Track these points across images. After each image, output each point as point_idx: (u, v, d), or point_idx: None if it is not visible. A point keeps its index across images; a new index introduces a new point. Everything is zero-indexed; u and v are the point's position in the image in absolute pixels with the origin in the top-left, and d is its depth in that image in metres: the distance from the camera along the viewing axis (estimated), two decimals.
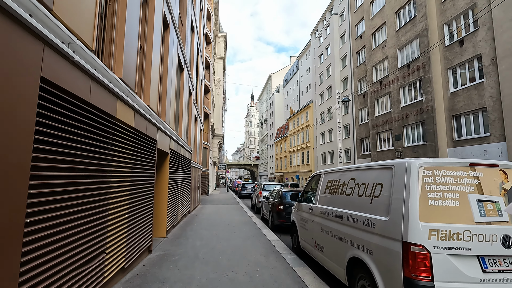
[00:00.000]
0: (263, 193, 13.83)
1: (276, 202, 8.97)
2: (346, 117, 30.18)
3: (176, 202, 8.40)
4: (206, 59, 29.00)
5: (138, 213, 4.55)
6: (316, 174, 5.47)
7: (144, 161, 4.85)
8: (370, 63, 24.50)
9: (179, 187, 9.07)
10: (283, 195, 8.75)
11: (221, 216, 11.91)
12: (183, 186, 9.93)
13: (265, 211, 10.83)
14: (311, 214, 5.02)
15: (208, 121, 31.04)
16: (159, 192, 6.81)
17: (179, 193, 9.00)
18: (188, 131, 11.96)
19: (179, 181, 8.90)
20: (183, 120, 9.51)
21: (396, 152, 20.60)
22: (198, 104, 15.56)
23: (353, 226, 3.44)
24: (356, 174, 3.75)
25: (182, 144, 9.24)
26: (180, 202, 9.46)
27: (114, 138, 3.48)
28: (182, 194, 9.76)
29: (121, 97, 3.52)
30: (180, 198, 9.29)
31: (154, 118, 5.30)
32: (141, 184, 4.72)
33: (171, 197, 7.50)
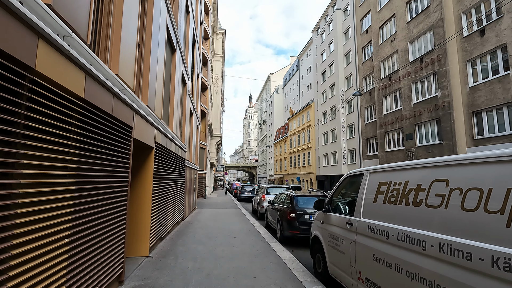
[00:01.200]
0: (267, 197, 12.31)
1: (286, 208, 7.46)
2: (350, 116, 28.78)
3: (165, 210, 6.86)
4: (204, 55, 27.55)
5: (94, 230, 3.01)
6: (354, 174, 3.96)
7: (109, 153, 3.33)
8: (378, 58, 23.13)
9: (170, 190, 7.53)
10: (295, 201, 7.24)
11: (220, 223, 10.36)
12: (175, 189, 8.40)
13: (271, 219, 9.31)
14: (349, 231, 3.52)
15: (206, 120, 29.54)
16: (139, 198, 5.27)
17: (169, 198, 7.46)
18: (182, 126, 10.45)
19: (169, 184, 7.36)
20: (174, 111, 7.99)
21: (407, 153, 19.17)
22: (194, 98, 14.06)
23: (458, 264, 1.93)
24: (452, 172, 2.24)
25: (174, 139, 7.72)
26: (172, 209, 7.92)
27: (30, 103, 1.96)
28: (173, 199, 8.23)
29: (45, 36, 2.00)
30: (171, 204, 7.76)
31: (127, 96, 3.79)
32: (102, 187, 3.18)
33: (157, 203, 5.96)
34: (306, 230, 6.78)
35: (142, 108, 4.50)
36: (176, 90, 8.28)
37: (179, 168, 9.18)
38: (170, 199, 7.64)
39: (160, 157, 6.21)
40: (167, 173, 7.11)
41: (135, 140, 4.29)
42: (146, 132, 4.89)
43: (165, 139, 6.58)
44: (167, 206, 7.14)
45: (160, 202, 6.28)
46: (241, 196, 25.00)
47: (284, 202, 8.00)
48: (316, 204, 4.43)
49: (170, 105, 7.72)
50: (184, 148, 10.38)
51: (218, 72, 40.75)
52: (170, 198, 7.72)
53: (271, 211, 9.29)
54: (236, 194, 32.45)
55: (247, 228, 9.45)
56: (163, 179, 6.56)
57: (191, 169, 13.19)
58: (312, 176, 38.96)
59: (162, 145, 6.28)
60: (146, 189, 5.34)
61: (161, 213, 6.45)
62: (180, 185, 9.70)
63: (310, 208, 7.06)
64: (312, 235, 4.90)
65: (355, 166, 27.57)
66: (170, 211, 7.74)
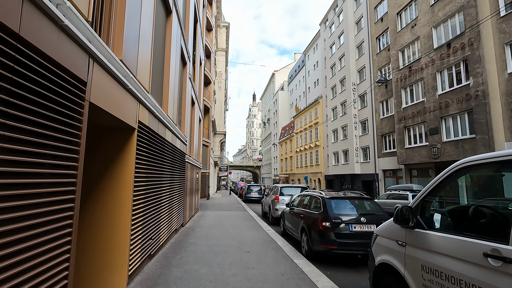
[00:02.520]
0: (281, 198, 10.57)
1: (315, 215, 5.70)
2: (363, 111, 26.92)
3: (155, 217, 5.15)
4: (207, 46, 25.91)
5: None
6: (487, 162, 2.17)
7: (31, 120, 1.60)
8: (395, 47, 21.27)
9: (164, 192, 5.82)
10: (328, 205, 5.48)
11: (227, 230, 8.63)
12: (171, 190, 6.70)
13: (290, 226, 7.57)
14: (498, 272, 1.74)
15: (209, 116, 27.88)
16: (112, 203, 3.56)
17: (163, 201, 5.75)
18: (182, 115, 8.75)
19: (162, 183, 5.65)
20: (170, 90, 6.28)
21: (432, 149, 17.31)
22: (196, 86, 12.35)
23: None
24: None
25: (170, 126, 6.02)
26: (167, 215, 6.21)
27: None
28: (169, 203, 6.52)
29: None
30: (165, 210, 6.05)
31: (75, 23, 2.05)
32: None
33: (142, 209, 4.25)
34: (346, 244, 5.04)
35: (109, 59, 2.77)
36: (173, 65, 6.57)
37: (177, 163, 7.47)
38: (164, 202, 5.92)
39: (148, 145, 4.49)
40: (160, 169, 5.39)
41: (93, 106, 2.56)
42: (118, 101, 3.16)
43: (155, 122, 4.86)
44: (159, 212, 5.42)
45: (147, 207, 4.56)
46: (247, 197, 23.27)
47: (311, 207, 6.24)
48: (400, 216, 2.65)
49: (164, 81, 6.01)
50: (184, 141, 8.67)
51: (222, 68, 39.08)
52: (165, 202, 6.00)
53: (291, 217, 7.54)
54: (241, 194, 30.74)
55: (261, 236, 7.71)
56: (152, 175, 4.84)
57: (193, 167, 11.49)
58: (320, 175, 37.13)
59: (151, 129, 4.56)
60: (123, 190, 3.63)
61: (150, 222, 4.74)
62: (179, 185, 7.99)
63: (348, 215, 5.32)
64: (376, 261, 3.13)
65: (368, 165, 25.72)
66: (164, 218, 6.03)
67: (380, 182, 23.85)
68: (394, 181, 22.45)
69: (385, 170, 23.51)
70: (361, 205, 5.67)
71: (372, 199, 5.81)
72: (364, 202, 5.75)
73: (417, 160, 18.66)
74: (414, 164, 19.36)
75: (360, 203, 5.72)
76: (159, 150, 5.34)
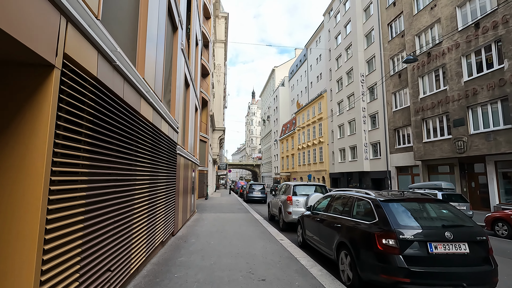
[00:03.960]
0: (294, 199, 8.68)
1: (365, 227, 3.75)
2: (373, 104, 25.07)
3: (117, 233, 3.26)
4: (205, 35, 24.02)
5: None
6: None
7: None
8: (411, 32, 19.40)
9: (138, 191, 3.96)
10: (386, 212, 3.58)
11: (230, 240, 6.76)
12: (153, 189, 4.84)
13: (314, 236, 5.69)
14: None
15: (208, 110, 25.97)
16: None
17: (134, 206, 3.87)
18: (172, 93, 6.85)
19: (133, 177, 3.78)
20: (149, 45, 4.37)
21: (456, 142, 15.48)
22: (191, 66, 10.42)
23: None
24: None
25: (147, 95, 4.16)
26: (144, 227, 4.33)
27: None
28: (150, 208, 4.65)
29: None
30: (142, 218, 4.17)
31: None
32: None
33: (79, 218, 2.34)
34: (425, 276, 3.15)
35: None
36: (158, 21, 4.67)
37: (163, 154, 5.58)
38: (139, 207, 4.03)
39: (95, 107, 2.57)
40: (127, 155, 3.49)
41: None
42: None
43: (117, 78, 2.98)
44: (126, 222, 3.52)
45: (95, 214, 2.66)
46: (249, 197, 21.37)
47: (352, 213, 4.35)
48: None
49: (139, 32, 4.09)
50: (175, 127, 6.78)
51: (221, 61, 37.12)
52: (141, 206, 4.12)
53: (315, 225, 5.66)
54: (242, 194, 28.86)
55: (275, 250, 5.83)
56: (108, 163, 2.94)
57: (188, 162, 9.60)
58: (324, 173, 35.30)
59: (103, 83, 2.65)
60: (24, 180, 1.73)
61: (102, 239, 2.83)
62: (167, 183, 6.10)
63: (423, 228, 3.42)
64: None
65: (379, 162, 23.89)
66: (141, 230, 4.14)
67: (393, 180, 22.03)
68: (409, 179, 20.62)
69: (399, 167, 21.68)
70: (436, 212, 3.79)
71: (447, 201, 3.92)
72: (439, 207, 3.87)
73: (438, 155, 16.83)
74: (434, 160, 17.54)
75: (434, 209, 3.84)
76: (127, 126, 3.44)
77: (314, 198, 8.26)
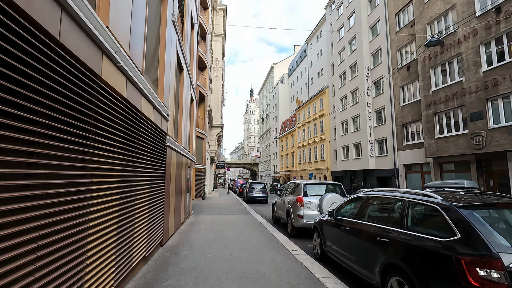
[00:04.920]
0: (305, 200, 7.43)
1: (448, 249, 2.48)
2: (379, 99, 23.87)
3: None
4: (202, 25, 22.68)
5: None
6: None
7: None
8: (422, 21, 18.22)
9: (98, 194, 2.70)
10: (475, 225, 2.36)
11: (231, 252, 5.51)
12: (129, 191, 3.60)
13: (339, 249, 4.45)
14: None
15: (205, 106, 24.68)
16: None
17: (85, 217, 2.60)
18: (159, 72, 5.57)
19: (87, 171, 2.50)
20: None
21: (474, 138, 14.31)
22: (185, 47, 9.12)
23: None
24: None
25: (121, 62, 2.95)
26: (114, 245, 3.07)
27: None
28: (120, 220, 3.42)
29: None
30: (107, 234, 2.91)
31: None
32: None
33: None
34: None
35: None
36: None
37: (144, 142, 4.32)
38: (100, 221, 2.78)
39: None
40: (80, 141, 2.22)
41: None
42: None
43: (74, 30, 1.66)
44: (72, 244, 2.26)
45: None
46: (249, 197, 20.11)
47: (406, 223, 3.11)
48: None
49: None
50: (165, 113, 5.52)
51: (219, 55, 35.80)
52: (105, 219, 2.87)
53: (340, 235, 4.42)
54: (241, 193, 27.63)
55: (290, 267, 4.59)
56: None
57: (181, 158, 8.34)
58: (326, 172, 34.14)
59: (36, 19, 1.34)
60: None
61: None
62: (152, 181, 4.84)
63: None
64: None
65: (385, 159, 22.73)
66: (99, 255, 2.89)
67: (401, 178, 20.87)
68: (418, 177, 19.47)
69: (407, 165, 20.52)
70: None
71: None
72: None
73: (452, 151, 15.66)
74: (448, 157, 16.38)
75: None
76: (74, 92, 2.17)
77: (329, 199, 7.04)
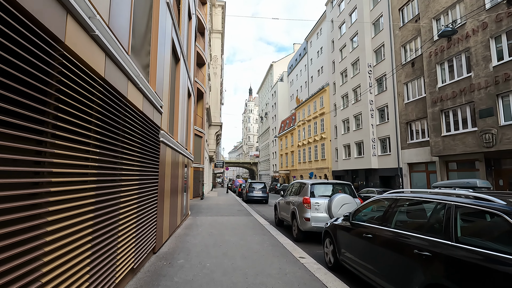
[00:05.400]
0: (313, 202, 6.82)
1: None
2: (381, 97, 23.30)
3: None
4: (200, 20, 22.02)
5: None
6: None
7: None
8: (428, 15, 17.64)
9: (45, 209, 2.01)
10: None
11: (233, 261, 4.91)
12: (108, 196, 2.97)
13: (366, 264, 3.81)
14: None
15: (203, 103, 24.04)
16: None
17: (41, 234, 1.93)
18: (152, 57, 4.94)
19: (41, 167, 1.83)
20: None
21: (484, 135, 13.75)
22: (182, 36, 8.48)
23: None
24: None
25: (93, 28, 2.21)
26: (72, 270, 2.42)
27: None
28: (98, 228, 2.78)
29: None
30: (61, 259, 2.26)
31: None
32: None
33: None
34: None
35: None
36: None
37: (132, 135, 3.69)
38: (67, 233, 2.14)
39: None
40: (39, 128, 1.58)
41: None
42: None
43: None
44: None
45: None
46: (249, 196, 19.50)
47: (454, 233, 2.49)
48: None
49: None
50: (157, 103, 4.90)
51: (218, 52, 35.14)
52: (80, 227, 2.23)
53: (361, 244, 3.79)
54: (240, 193, 27.04)
55: (301, 279, 3.97)
56: None
57: (177, 155, 7.71)
58: (327, 171, 33.57)
59: None
60: None
61: None
62: (141, 181, 4.22)
63: None
64: None
65: (389, 158, 22.16)
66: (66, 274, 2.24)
67: (405, 177, 20.31)
68: (423, 176, 18.91)
69: (411, 164, 19.96)
70: None
71: None
72: None
73: (459, 150, 15.10)
74: (455, 155, 15.82)
75: None
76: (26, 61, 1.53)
77: (339, 200, 6.43)
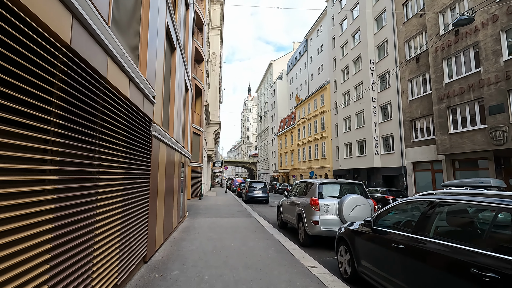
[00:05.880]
0: (321, 203, 6.22)
1: None
2: (384, 94, 22.74)
3: None
4: (198, 15, 21.38)
5: None
6: None
7: None
8: (434, 9, 17.07)
9: None
10: None
11: (234, 272, 4.34)
12: (82, 198, 2.34)
13: (397, 281, 3.23)
14: None
15: (202, 100, 23.40)
16: None
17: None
18: (142, 39, 4.33)
19: None
20: None
21: (493, 133, 13.20)
22: (179, 27, 7.86)
23: None
24: None
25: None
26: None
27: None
28: (67, 241, 2.13)
29: None
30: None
31: None
32: None
33: None
34: None
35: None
36: None
37: (116, 127, 3.08)
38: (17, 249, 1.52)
39: None
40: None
41: None
42: None
43: None
44: None
45: None
46: (249, 196, 18.89)
47: None
48: None
49: None
50: (148, 92, 4.28)
51: (216, 49, 34.46)
52: (35, 241, 1.60)
53: (387, 256, 3.20)
54: (240, 192, 26.45)
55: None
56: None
57: (173, 152, 7.09)
58: (328, 170, 33.02)
59: None
60: None
61: None
62: (125, 182, 3.61)
63: None
64: None
65: (392, 157, 21.61)
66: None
67: (409, 177, 19.76)
68: (429, 175, 18.37)
69: (416, 163, 19.41)
70: None
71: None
72: None
73: (468, 148, 14.56)
74: (463, 153, 15.28)
75: None
76: None
77: (351, 202, 5.84)
